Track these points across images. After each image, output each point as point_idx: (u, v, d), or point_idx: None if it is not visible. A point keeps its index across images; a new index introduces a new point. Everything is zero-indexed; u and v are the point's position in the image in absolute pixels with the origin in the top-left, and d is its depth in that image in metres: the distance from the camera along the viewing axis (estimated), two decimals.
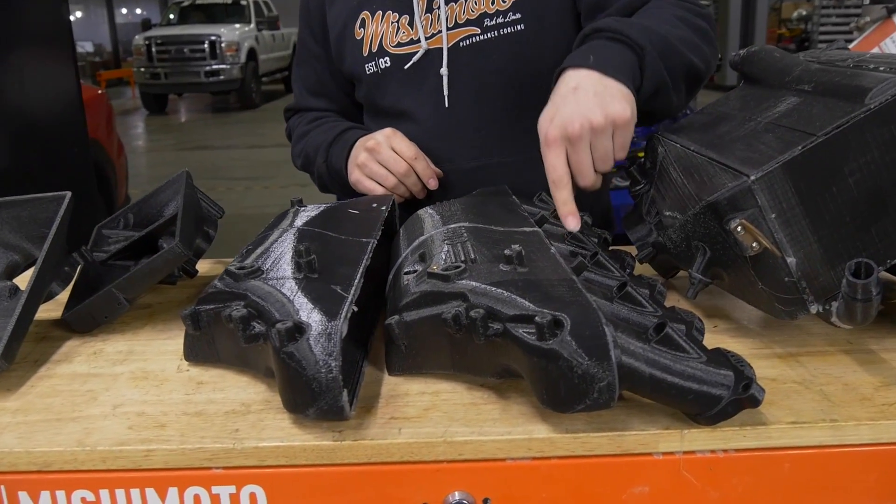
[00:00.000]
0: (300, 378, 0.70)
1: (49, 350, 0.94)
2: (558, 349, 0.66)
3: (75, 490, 0.72)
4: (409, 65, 1.28)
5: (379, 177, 1.23)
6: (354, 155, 1.27)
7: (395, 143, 1.22)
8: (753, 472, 0.71)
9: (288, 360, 0.70)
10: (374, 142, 1.23)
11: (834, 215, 0.78)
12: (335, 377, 0.69)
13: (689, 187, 0.87)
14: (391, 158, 1.22)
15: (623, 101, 0.94)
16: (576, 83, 0.96)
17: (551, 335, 0.67)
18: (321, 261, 0.85)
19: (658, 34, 1.03)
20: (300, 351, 0.70)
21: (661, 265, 1.04)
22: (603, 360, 0.65)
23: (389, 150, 1.22)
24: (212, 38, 12.23)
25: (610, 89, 0.95)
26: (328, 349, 0.70)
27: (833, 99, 0.83)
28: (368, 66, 1.32)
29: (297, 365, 0.70)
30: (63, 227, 1.02)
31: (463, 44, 1.26)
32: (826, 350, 0.85)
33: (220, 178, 7.17)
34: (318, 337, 0.71)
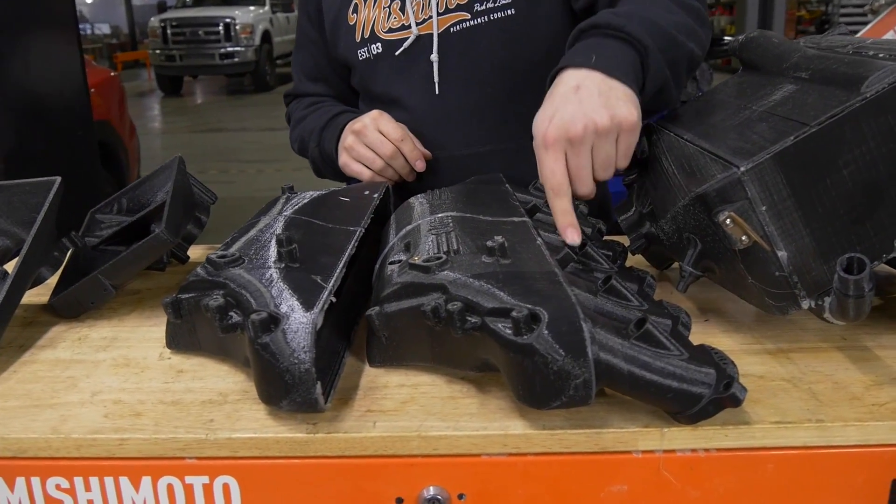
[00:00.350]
0: (273, 370, 0.68)
1: (35, 335, 0.93)
2: (534, 344, 0.64)
3: (50, 477, 0.72)
4: (399, 51, 1.26)
5: (366, 159, 1.22)
6: (343, 138, 1.26)
7: (381, 124, 1.21)
8: (736, 472, 0.69)
9: (262, 352, 0.69)
10: (360, 124, 1.22)
11: (827, 208, 0.76)
12: (308, 370, 0.67)
13: (679, 177, 0.85)
14: (378, 140, 1.20)
15: (629, 104, 0.87)
16: (577, 82, 0.87)
17: (528, 330, 0.65)
18: (306, 250, 0.84)
19: (658, 27, 0.96)
20: (274, 342, 0.69)
21: (654, 256, 1.02)
22: (579, 356, 0.63)
23: (376, 132, 1.20)
24: (226, 20, 12.21)
25: (615, 91, 0.87)
26: (302, 341, 0.69)
27: (829, 87, 0.81)
28: (361, 51, 1.30)
29: (270, 356, 0.69)
30: (52, 212, 1.01)
31: (453, 29, 1.24)
32: (819, 346, 0.83)
33: (233, 160, 7.18)
34: (293, 328, 0.70)
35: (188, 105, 11.98)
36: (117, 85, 4.54)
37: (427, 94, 1.27)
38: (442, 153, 1.26)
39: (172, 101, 12.20)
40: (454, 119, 1.27)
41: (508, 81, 1.25)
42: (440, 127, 1.27)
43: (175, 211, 1.00)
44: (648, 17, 0.97)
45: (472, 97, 1.26)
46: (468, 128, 1.27)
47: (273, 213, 1.01)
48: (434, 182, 1.21)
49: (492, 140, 1.27)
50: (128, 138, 4.46)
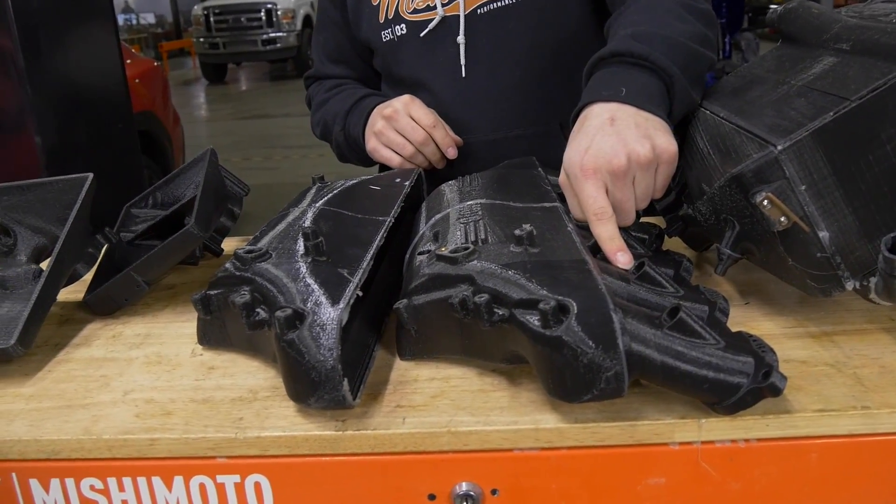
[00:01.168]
0: (300, 367, 0.68)
1: (70, 333, 0.94)
2: (563, 336, 0.62)
3: (84, 478, 0.72)
4: (424, 32, 1.24)
5: (396, 145, 1.20)
6: (371, 122, 1.24)
7: (413, 110, 1.18)
8: (778, 462, 0.67)
9: (288, 349, 0.68)
10: (391, 109, 1.19)
11: (871, 185, 0.73)
12: (334, 367, 0.67)
13: (714, 157, 0.82)
14: (409, 126, 1.18)
15: (667, 135, 0.83)
16: (611, 115, 0.83)
17: (556, 322, 0.63)
18: (334, 242, 0.83)
19: (678, 45, 0.92)
20: (300, 339, 0.68)
21: (691, 238, 0.99)
22: (610, 348, 0.61)
23: (407, 117, 1.18)
24: (268, 5, 12.24)
25: (651, 122, 0.83)
26: (328, 338, 0.68)
27: (871, 58, 0.77)
28: (385, 33, 1.28)
29: (296, 354, 0.68)
30: (85, 209, 1.02)
31: (481, 10, 1.21)
32: (864, 328, 0.80)
33: (277, 146, 7.23)
34: (318, 324, 0.69)
35: (232, 92, 12.08)
36: (160, 75, 4.59)
37: (453, 77, 1.24)
38: (469, 137, 1.24)
39: (217, 89, 12.31)
40: (481, 103, 1.24)
41: (536, 64, 1.22)
42: (467, 111, 1.24)
43: (206, 205, 1.00)
44: (667, 35, 0.93)
45: (499, 80, 1.23)
46: (495, 112, 1.24)
47: (303, 204, 1.00)
48: (462, 168, 1.18)
49: (519, 124, 1.24)
50: (171, 127, 4.51)
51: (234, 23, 12.32)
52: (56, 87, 2.18)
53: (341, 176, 1.23)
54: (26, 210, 1.06)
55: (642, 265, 0.74)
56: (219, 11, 12.44)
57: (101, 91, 2.30)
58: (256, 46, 12.33)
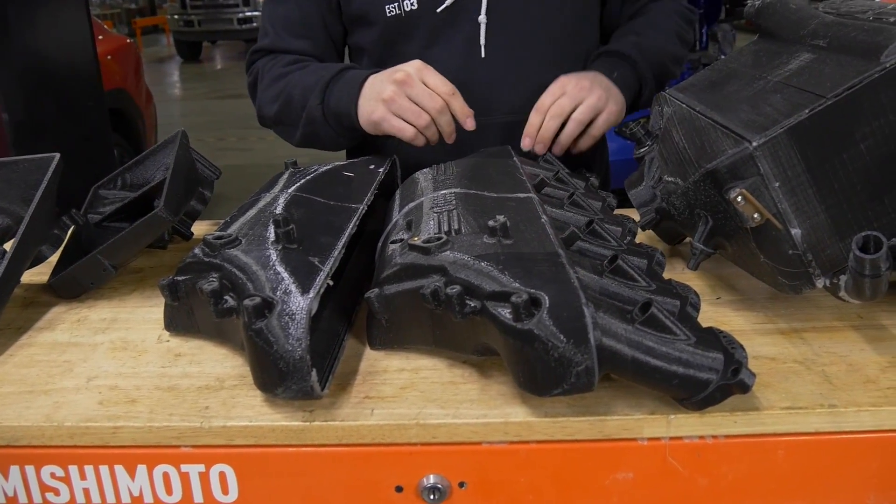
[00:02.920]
0: (267, 357, 0.67)
1: (34, 316, 0.92)
2: (534, 330, 0.62)
3: (44, 465, 0.71)
4: (441, 8, 1.19)
5: (410, 114, 1.07)
6: (378, 90, 1.10)
7: (427, 76, 1.07)
8: (745, 459, 0.67)
9: (256, 339, 0.67)
10: (403, 74, 1.07)
11: (844, 183, 0.73)
12: (302, 357, 0.66)
13: (690, 152, 0.82)
14: (425, 93, 1.06)
15: (620, 106, 1.19)
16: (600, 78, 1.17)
17: (528, 315, 0.63)
18: (305, 229, 0.82)
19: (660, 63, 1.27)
20: (268, 328, 0.67)
21: (665, 232, 0.99)
22: (581, 342, 0.61)
23: (421, 84, 1.07)
24: None
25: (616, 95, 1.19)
26: (297, 327, 0.67)
27: (847, 56, 0.77)
28: (390, 7, 1.21)
29: (264, 343, 0.67)
30: (51, 190, 0.99)
31: None
32: (834, 325, 0.80)
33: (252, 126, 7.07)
34: (287, 314, 0.68)
35: (207, 71, 11.93)
36: (133, 52, 4.52)
37: (471, 56, 1.21)
38: (483, 119, 1.17)
39: (191, 67, 12.15)
40: (498, 84, 1.22)
41: (552, 49, 1.24)
42: (483, 92, 1.21)
43: (175, 188, 0.98)
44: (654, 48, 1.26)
45: (518, 63, 1.22)
46: (512, 94, 1.23)
47: (274, 190, 0.99)
48: (473, 147, 1.15)
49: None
50: (144, 105, 4.45)
51: (209, 0, 12.16)
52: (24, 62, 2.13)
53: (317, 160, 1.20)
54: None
55: (615, 258, 0.73)
56: None
57: (70, 67, 2.25)
58: (232, 25, 12.19)
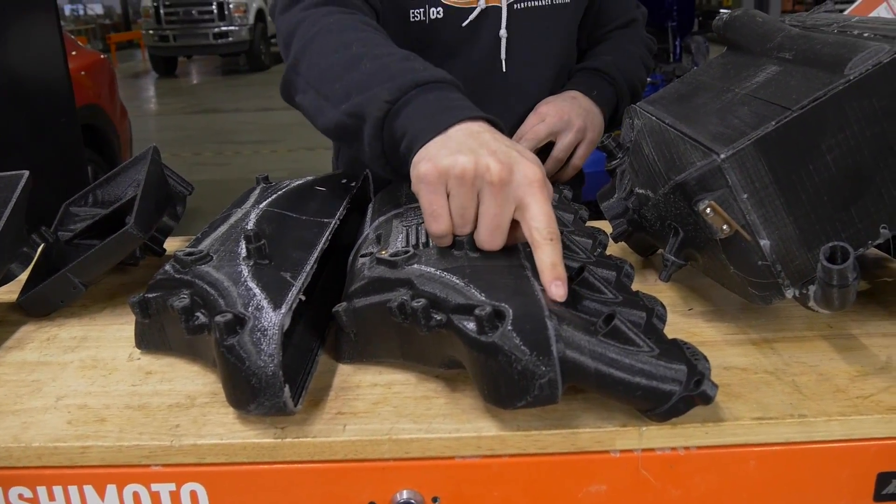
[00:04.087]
0: (239, 373, 0.66)
1: (2, 335, 0.91)
2: (498, 342, 0.62)
3: (12, 487, 0.70)
4: (466, 22, 1.17)
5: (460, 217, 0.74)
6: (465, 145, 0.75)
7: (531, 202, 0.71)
8: (717, 470, 0.67)
9: (227, 355, 0.67)
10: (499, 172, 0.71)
11: (811, 194, 0.74)
12: (275, 373, 0.65)
13: (659, 164, 0.83)
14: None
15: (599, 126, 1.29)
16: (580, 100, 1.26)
17: (491, 328, 0.63)
18: (277, 244, 0.81)
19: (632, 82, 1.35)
20: (240, 345, 0.67)
21: (637, 243, 1.00)
22: (544, 354, 0.61)
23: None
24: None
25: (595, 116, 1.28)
26: (269, 343, 0.67)
27: (813, 69, 0.78)
28: (415, 12, 1.16)
29: (236, 360, 0.66)
30: (20, 208, 0.98)
31: (517, 6, 1.20)
32: (804, 335, 0.81)
33: (229, 141, 7.13)
34: (259, 330, 0.68)
35: (183, 86, 11.90)
36: (107, 67, 4.50)
37: (490, 70, 1.22)
38: None
39: (167, 82, 12.12)
40: (515, 99, 1.24)
41: (564, 65, 1.30)
42: (501, 105, 1.21)
43: (147, 204, 0.98)
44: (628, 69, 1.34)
45: (534, 78, 1.25)
46: (527, 109, 1.25)
47: (246, 205, 0.98)
48: None
49: None
50: (119, 121, 4.42)
51: (184, 15, 12.16)
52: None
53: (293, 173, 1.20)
54: None
55: (581, 270, 0.73)
56: (169, 4, 12.27)
57: (42, 84, 2.25)
58: (208, 40, 12.19)
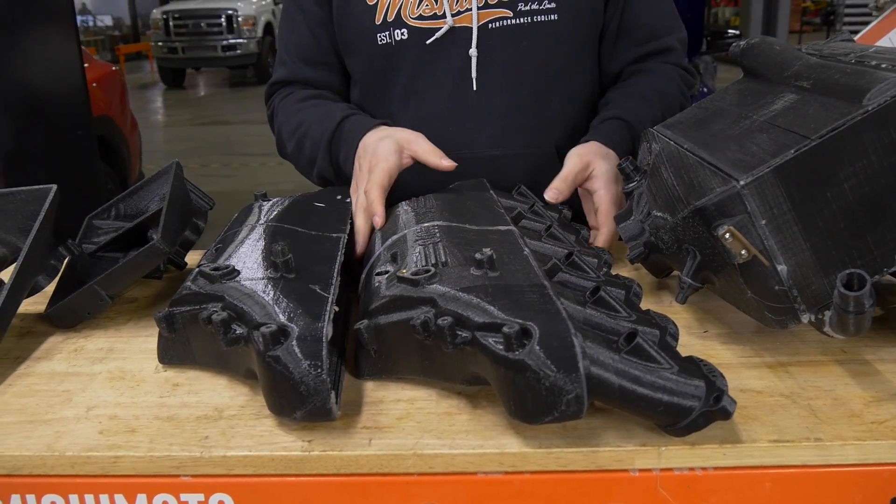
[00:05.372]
0: (287, 382, 0.69)
1: (31, 346, 0.93)
2: (526, 360, 0.64)
3: (45, 494, 0.71)
4: (431, 40, 1.21)
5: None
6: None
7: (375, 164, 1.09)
8: (733, 490, 0.69)
9: (274, 364, 0.69)
10: (360, 163, 1.14)
11: (828, 221, 0.75)
12: (323, 380, 0.68)
13: (678, 189, 0.84)
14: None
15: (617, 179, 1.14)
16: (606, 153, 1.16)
17: (519, 345, 0.65)
18: (295, 258, 0.84)
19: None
20: (286, 354, 0.70)
21: (653, 265, 1.02)
22: (571, 371, 0.63)
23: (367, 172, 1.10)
24: (228, 11, 12.18)
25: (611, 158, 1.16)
26: (314, 352, 0.70)
27: (831, 98, 0.80)
28: (381, 35, 1.23)
29: (283, 369, 0.69)
30: (48, 221, 1.01)
31: (492, 26, 1.21)
32: (818, 360, 0.82)
33: (236, 153, 7.17)
34: (303, 339, 0.71)
35: (191, 97, 11.97)
36: (118, 79, 4.55)
37: (461, 89, 1.23)
38: (468, 153, 1.21)
39: (175, 94, 12.18)
40: (487, 118, 1.24)
41: (540, 86, 1.25)
42: (471, 124, 1.24)
43: (171, 219, 1.00)
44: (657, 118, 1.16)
45: (507, 97, 1.24)
46: (500, 128, 1.24)
47: (251, 221, 1.01)
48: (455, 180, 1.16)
49: (519, 143, 1.25)
50: (129, 133, 4.46)
51: (193, 28, 12.23)
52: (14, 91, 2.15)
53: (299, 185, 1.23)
54: None
55: (598, 289, 0.75)
56: (178, 16, 12.35)
57: (60, 96, 2.27)
58: (216, 52, 12.26)
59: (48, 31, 2.27)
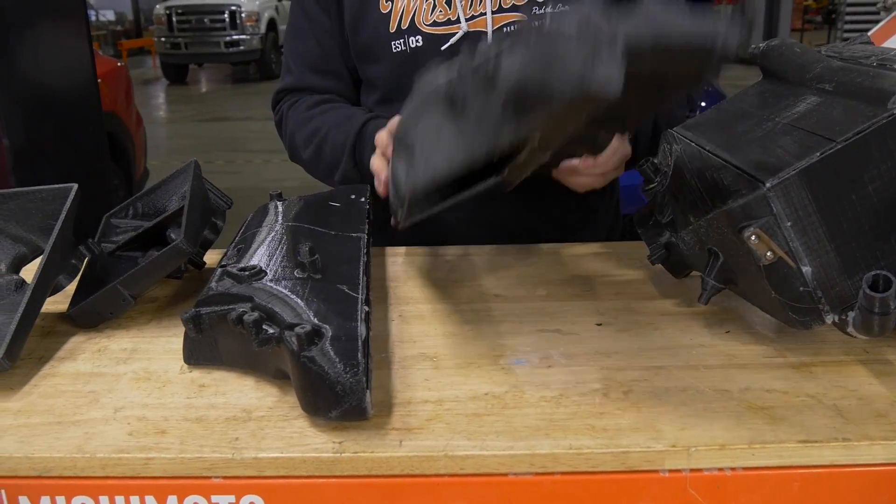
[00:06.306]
0: (323, 382, 0.70)
1: (54, 346, 0.93)
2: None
3: (75, 496, 0.72)
4: (446, 46, 1.21)
5: None
6: None
7: None
8: (762, 490, 0.69)
9: (310, 364, 0.71)
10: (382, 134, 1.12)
11: (852, 224, 0.76)
12: (359, 379, 0.69)
13: (702, 190, 0.85)
14: None
15: None
16: None
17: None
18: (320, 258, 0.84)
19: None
20: (321, 355, 0.71)
21: (673, 265, 1.02)
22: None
23: None
24: (232, 7, 12.17)
25: None
26: (349, 351, 0.71)
27: (854, 101, 0.80)
28: (396, 43, 1.23)
29: (318, 369, 0.70)
30: (70, 220, 1.01)
31: (507, 29, 1.20)
32: (841, 360, 0.83)
33: (239, 150, 7.17)
34: (337, 339, 0.72)
35: (193, 93, 11.97)
36: (124, 75, 4.54)
37: None
38: None
39: (177, 90, 12.18)
40: None
41: None
42: None
43: (193, 219, 1.00)
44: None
45: None
46: None
47: (269, 221, 1.01)
48: None
49: None
50: (135, 129, 4.46)
51: (196, 23, 12.22)
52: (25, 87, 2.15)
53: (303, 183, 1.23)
54: (7, 219, 1.05)
55: None
56: (181, 11, 12.33)
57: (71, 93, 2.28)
58: (219, 48, 12.24)
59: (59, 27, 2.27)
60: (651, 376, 0.80)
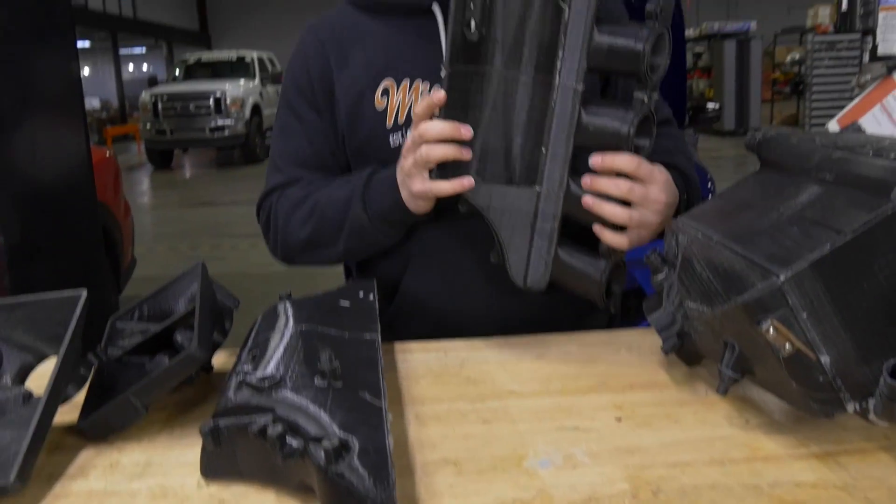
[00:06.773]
0: (353, 497, 0.69)
1: (63, 462, 0.91)
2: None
3: None
4: None
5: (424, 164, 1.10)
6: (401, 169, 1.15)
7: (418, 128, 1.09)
8: None
9: (339, 480, 0.70)
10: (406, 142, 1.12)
11: (866, 312, 0.77)
12: (390, 494, 0.68)
13: (715, 283, 0.86)
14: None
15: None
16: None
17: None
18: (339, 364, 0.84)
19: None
20: (350, 470, 0.70)
21: (686, 354, 1.02)
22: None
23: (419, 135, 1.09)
24: (216, 94, 12.37)
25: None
26: (379, 465, 0.70)
27: (857, 191, 0.82)
28: (393, 137, 1.25)
29: (348, 484, 0.69)
30: (79, 328, 1.00)
31: None
32: (864, 447, 0.83)
33: (225, 235, 7.18)
34: (366, 453, 0.71)
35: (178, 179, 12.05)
36: (113, 165, 4.56)
37: None
38: None
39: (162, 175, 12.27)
40: None
41: None
42: None
43: (205, 324, 0.99)
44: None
45: None
46: None
47: (280, 325, 1.01)
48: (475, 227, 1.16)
49: None
50: (122, 219, 4.46)
51: (181, 110, 12.39)
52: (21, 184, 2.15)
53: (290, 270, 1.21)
54: (13, 327, 1.04)
55: None
56: (167, 98, 12.51)
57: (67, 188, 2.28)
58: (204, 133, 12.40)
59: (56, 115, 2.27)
60: (678, 474, 0.79)
